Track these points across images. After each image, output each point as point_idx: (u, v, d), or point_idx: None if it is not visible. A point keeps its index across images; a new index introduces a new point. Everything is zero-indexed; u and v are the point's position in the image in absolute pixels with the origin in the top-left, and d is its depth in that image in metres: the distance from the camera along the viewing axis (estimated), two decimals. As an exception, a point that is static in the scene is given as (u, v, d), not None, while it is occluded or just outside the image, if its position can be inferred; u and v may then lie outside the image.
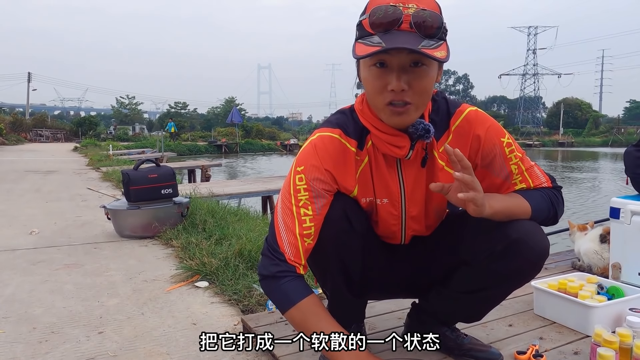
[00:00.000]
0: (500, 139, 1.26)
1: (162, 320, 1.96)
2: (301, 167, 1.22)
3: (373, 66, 1.12)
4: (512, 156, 1.26)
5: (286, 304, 1.20)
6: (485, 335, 1.61)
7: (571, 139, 58.66)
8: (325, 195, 1.23)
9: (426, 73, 1.11)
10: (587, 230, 2.48)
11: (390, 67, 1.10)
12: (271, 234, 1.24)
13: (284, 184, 1.26)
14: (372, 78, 1.13)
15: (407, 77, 1.09)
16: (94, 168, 10.27)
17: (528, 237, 1.20)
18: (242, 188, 7.04)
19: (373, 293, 1.47)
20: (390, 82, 1.09)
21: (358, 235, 1.28)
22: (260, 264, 1.25)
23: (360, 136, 1.26)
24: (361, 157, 1.26)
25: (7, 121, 30.68)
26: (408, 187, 1.28)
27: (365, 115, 1.25)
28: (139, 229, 3.51)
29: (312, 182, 1.21)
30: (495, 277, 1.26)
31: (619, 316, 1.61)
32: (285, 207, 1.22)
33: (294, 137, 47.91)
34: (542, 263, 1.24)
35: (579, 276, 1.89)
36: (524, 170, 1.27)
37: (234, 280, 2.31)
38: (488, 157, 1.26)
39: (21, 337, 1.80)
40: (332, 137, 1.24)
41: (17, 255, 3.09)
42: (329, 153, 1.23)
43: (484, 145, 1.25)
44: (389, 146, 1.22)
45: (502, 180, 1.27)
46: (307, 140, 1.27)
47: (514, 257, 1.20)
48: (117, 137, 35.76)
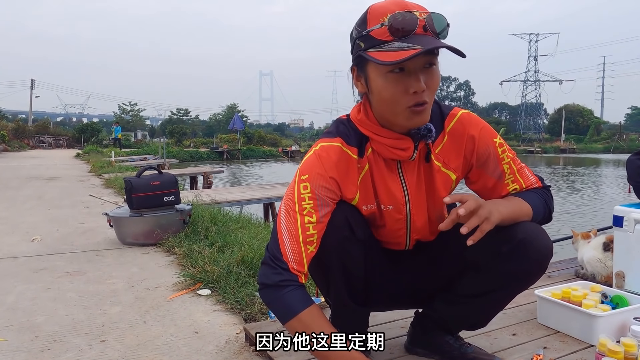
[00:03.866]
0: (493, 139, 1.32)
1: (165, 329, 1.96)
2: (306, 176, 1.23)
3: (391, 72, 1.14)
4: (504, 156, 1.31)
5: (287, 315, 1.20)
6: (489, 345, 1.60)
7: (573, 146, 58.57)
8: (329, 204, 1.24)
9: (437, 72, 1.17)
10: (590, 238, 2.47)
11: (408, 71, 1.13)
12: (273, 242, 1.24)
13: (287, 192, 1.26)
14: (391, 84, 1.14)
15: (424, 77, 1.13)
16: (96, 175, 10.29)
17: (533, 238, 1.24)
18: (244, 195, 7.04)
19: (377, 302, 1.46)
20: (412, 85, 1.13)
21: (360, 242, 1.28)
22: (261, 272, 1.25)
23: (360, 144, 1.27)
24: (362, 164, 1.28)
25: (10, 128, 30.76)
26: (411, 189, 1.30)
27: (364, 124, 1.27)
28: (141, 237, 3.51)
29: (317, 190, 1.22)
30: (501, 279, 1.28)
31: (623, 325, 1.60)
32: (289, 215, 1.22)
33: (296, 143, 48.01)
34: (547, 263, 1.27)
35: (583, 285, 1.88)
36: (516, 171, 1.32)
37: (236, 288, 2.31)
38: (482, 157, 1.30)
39: (23, 346, 1.80)
40: (334, 146, 1.26)
41: (19, 262, 3.09)
42: (333, 162, 1.24)
43: (479, 146, 1.30)
44: (394, 150, 1.25)
45: (495, 180, 1.32)
46: (310, 151, 1.28)
47: (520, 258, 1.23)
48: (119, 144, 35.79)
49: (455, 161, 1.31)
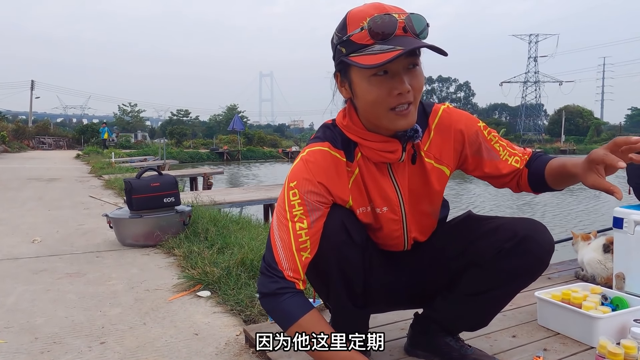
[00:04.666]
0: (477, 124, 1.36)
1: (164, 331, 1.96)
2: (294, 183, 1.22)
3: (375, 75, 1.13)
4: (491, 137, 1.35)
5: (287, 321, 1.20)
6: (489, 347, 1.60)
7: (573, 147, 58.56)
8: (319, 208, 1.23)
9: (421, 73, 1.18)
10: (590, 239, 2.47)
11: (392, 73, 1.13)
12: (268, 251, 1.24)
13: (278, 201, 1.26)
14: (375, 87, 1.14)
15: (408, 78, 1.13)
16: (97, 176, 10.29)
17: (535, 234, 1.26)
18: (244, 196, 7.04)
19: (377, 304, 1.46)
20: (396, 86, 1.12)
21: (357, 246, 1.28)
22: (259, 282, 1.25)
23: (347, 148, 1.28)
24: (352, 168, 1.28)
25: (10, 129, 30.78)
26: (403, 189, 1.31)
27: (350, 129, 1.27)
28: (141, 238, 3.51)
29: (305, 195, 1.21)
30: (503, 276, 1.29)
31: (623, 327, 1.60)
32: (281, 223, 1.22)
33: (296, 144, 48.08)
34: (548, 259, 1.28)
35: (583, 286, 1.88)
36: (506, 146, 1.36)
37: (236, 289, 2.31)
38: (475, 145, 1.34)
39: (23, 348, 1.80)
40: (322, 150, 1.26)
41: (19, 264, 3.09)
42: (320, 166, 1.24)
43: (468, 136, 1.33)
44: (382, 153, 1.25)
45: (493, 160, 1.35)
46: (297, 158, 1.28)
47: (522, 254, 1.25)
48: (119, 145, 35.85)
49: (446, 155, 1.33)
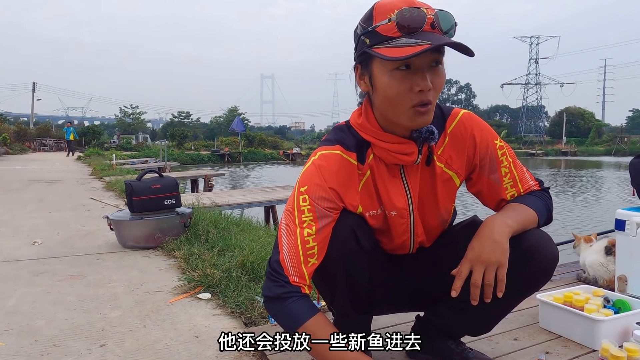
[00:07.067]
0: (494, 141, 1.31)
1: (165, 333, 1.95)
2: (304, 187, 1.21)
3: (397, 70, 1.10)
4: (503, 159, 1.31)
5: (292, 325, 1.19)
6: (491, 350, 1.59)
7: (574, 148, 58.56)
8: (329, 215, 1.21)
9: (443, 72, 1.14)
10: (592, 242, 2.47)
11: (415, 69, 1.10)
12: (274, 255, 1.22)
13: (287, 204, 1.24)
14: (396, 81, 1.11)
15: (430, 76, 1.10)
16: (97, 178, 10.30)
17: (540, 244, 1.23)
18: (245, 198, 7.04)
19: (380, 306, 1.46)
20: (418, 82, 1.09)
21: (366, 253, 1.27)
22: (264, 285, 1.24)
23: (359, 150, 1.25)
24: (363, 170, 1.26)
25: (12, 131, 30.87)
26: (414, 193, 1.29)
27: (365, 129, 1.24)
28: (142, 240, 3.51)
29: (316, 201, 1.20)
30: (507, 286, 1.25)
31: (626, 330, 1.59)
32: (289, 228, 1.21)
33: (297, 146, 48.13)
34: (552, 270, 1.26)
35: (585, 289, 1.87)
36: (515, 175, 1.31)
37: (237, 292, 2.30)
38: (482, 158, 1.30)
39: (23, 350, 1.79)
40: (334, 153, 1.23)
41: (20, 266, 3.08)
42: (332, 171, 1.22)
43: (480, 145, 1.29)
44: (397, 155, 1.23)
45: (493, 182, 1.31)
46: (309, 161, 1.26)
47: (526, 265, 1.22)
48: (120, 147, 35.94)
49: (457, 162, 1.30)
